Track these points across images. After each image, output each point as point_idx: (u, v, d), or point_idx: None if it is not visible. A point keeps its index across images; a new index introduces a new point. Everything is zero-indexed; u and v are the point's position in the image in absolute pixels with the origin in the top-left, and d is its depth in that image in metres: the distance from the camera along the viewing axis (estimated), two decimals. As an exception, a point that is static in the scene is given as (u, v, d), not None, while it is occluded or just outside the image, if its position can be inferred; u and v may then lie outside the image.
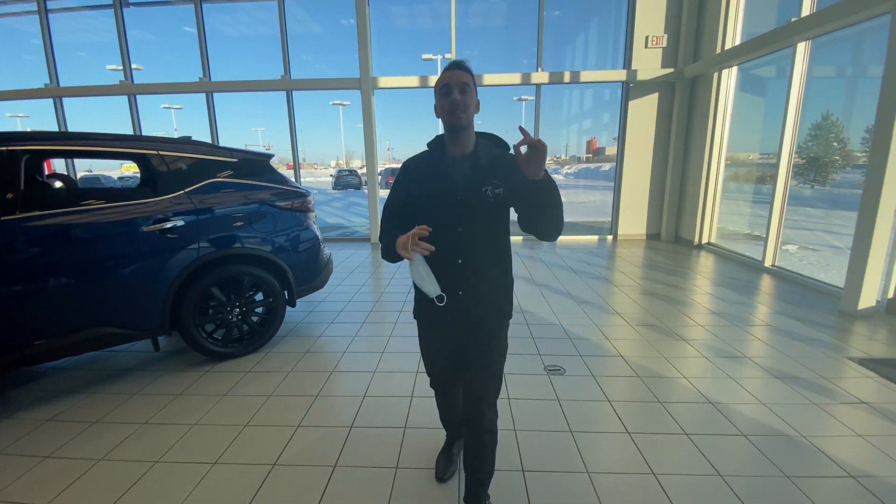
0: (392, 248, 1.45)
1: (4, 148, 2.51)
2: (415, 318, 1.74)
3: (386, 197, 1.69)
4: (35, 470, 2.07)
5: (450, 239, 1.49)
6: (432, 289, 1.46)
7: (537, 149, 1.26)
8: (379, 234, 1.62)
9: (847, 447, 2.17)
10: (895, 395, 2.66)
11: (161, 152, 2.98)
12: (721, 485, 1.92)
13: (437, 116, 1.52)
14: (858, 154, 5.49)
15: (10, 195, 2.45)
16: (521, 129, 1.25)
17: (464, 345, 1.65)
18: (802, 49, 5.20)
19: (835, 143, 5.89)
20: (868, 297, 4.04)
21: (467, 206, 1.48)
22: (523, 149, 1.27)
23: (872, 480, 1.94)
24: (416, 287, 1.61)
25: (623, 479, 1.96)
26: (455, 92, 1.43)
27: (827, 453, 2.12)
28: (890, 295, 4.08)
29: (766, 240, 5.74)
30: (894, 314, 4.05)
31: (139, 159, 2.98)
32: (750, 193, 7.14)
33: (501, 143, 1.62)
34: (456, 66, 1.46)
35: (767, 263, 5.72)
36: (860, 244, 4.07)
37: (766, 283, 5.21)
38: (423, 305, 1.68)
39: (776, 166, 5.53)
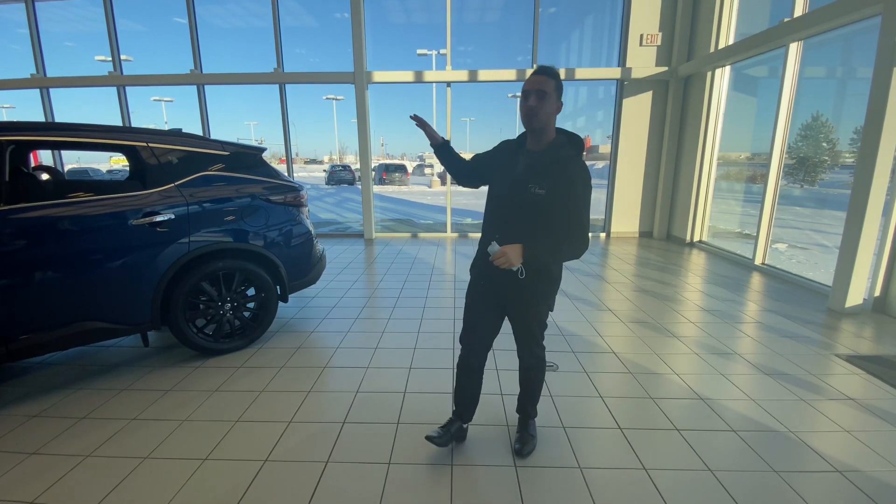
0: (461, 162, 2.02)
1: (-11, 138, 2.45)
2: (470, 273, 2.00)
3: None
4: (21, 466, 2.03)
5: (497, 220, 1.79)
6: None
7: (497, 260, 1.59)
8: (459, 168, 2.04)
9: (834, 442, 2.20)
10: (881, 391, 2.71)
11: (151, 144, 2.92)
12: (711, 479, 1.94)
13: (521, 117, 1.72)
14: (847, 155, 5.56)
15: (-6, 187, 2.40)
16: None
17: (505, 307, 1.92)
18: (794, 49, 5.25)
19: (824, 144, 5.96)
20: (855, 296, 4.10)
21: (513, 196, 1.70)
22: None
23: (858, 475, 1.97)
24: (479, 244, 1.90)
25: (614, 475, 1.98)
26: (531, 98, 1.62)
27: (814, 448, 2.15)
28: (877, 293, 4.14)
29: (756, 238, 5.80)
30: (881, 312, 4.12)
31: (128, 151, 2.93)
32: (741, 192, 7.21)
33: (576, 145, 1.73)
34: (539, 72, 1.64)
35: (758, 261, 5.78)
36: (848, 243, 4.13)
37: (756, 280, 5.27)
38: (475, 260, 1.94)
39: (767, 166, 5.59)
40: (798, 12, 5.16)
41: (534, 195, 1.63)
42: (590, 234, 1.71)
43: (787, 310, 4.19)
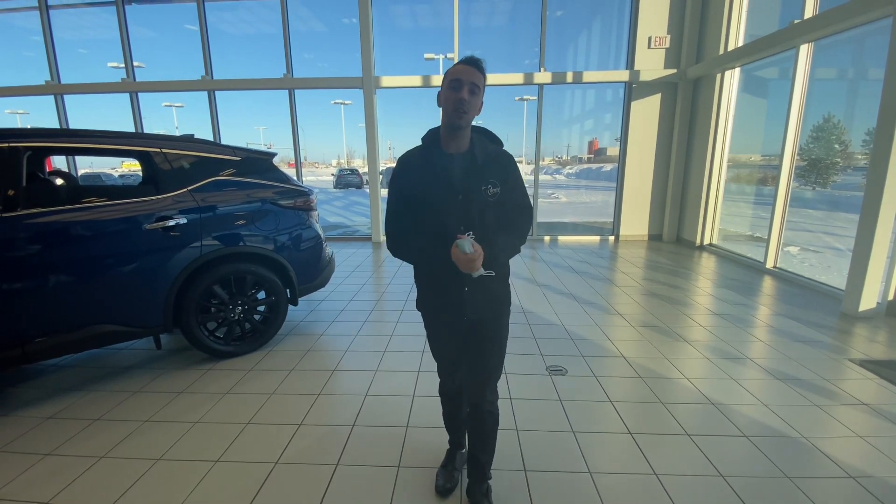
0: (434, 257, 1.51)
1: (6, 144, 2.51)
2: (418, 309, 1.75)
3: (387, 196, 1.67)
4: (36, 467, 2.06)
5: (454, 238, 1.44)
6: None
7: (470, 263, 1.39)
8: (390, 238, 1.61)
9: (847, 448, 2.17)
10: (895, 396, 2.67)
11: (164, 150, 2.97)
12: (722, 485, 1.92)
13: (439, 105, 1.50)
14: (859, 156, 5.49)
15: (11, 192, 2.45)
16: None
17: (468, 333, 1.69)
18: (805, 51, 5.20)
19: (836, 146, 5.90)
20: (869, 299, 4.04)
21: (469, 205, 1.49)
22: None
23: (872, 481, 1.94)
24: (416, 279, 1.71)
25: (625, 480, 1.96)
26: (465, 90, 1.41)
27: (827, 454, 2.12)
28: (890, 297, 4.08)
29: (767, 241, 5.74)
30: (895, 316, 4.05)
31: (142, 157, 2.97)
32: (752, 195, 7.14)
33: (495, 139, 1.62)
34: (472, 64, 1.43)
35: (769, 265, 5.72)
36: (861, 246, 4.08)
37: (767, 284, 5.21)
38: (427, 297, 1.70)
39: (778, 168, 5.53)
40: (808, 14, 5.12)
41: (490, 196, 1.50)
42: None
43: (799, 314, 4.14)
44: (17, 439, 2.29)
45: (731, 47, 6.57)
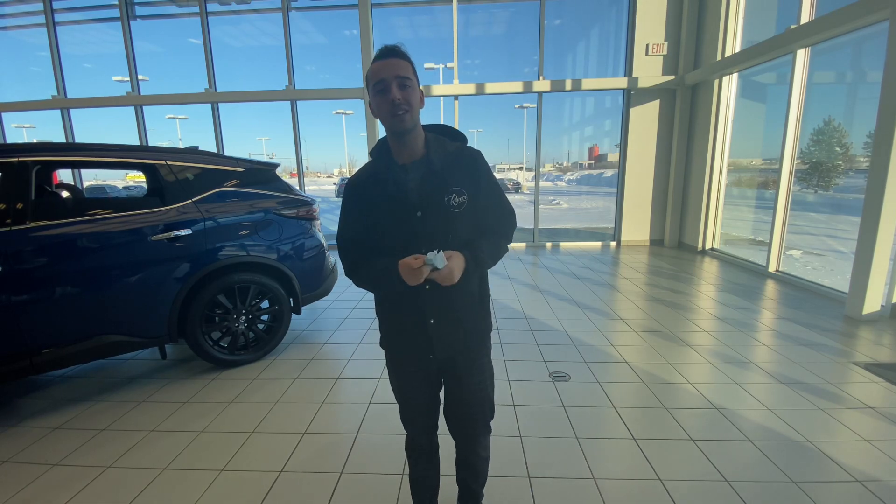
0: (385, 279, 1.25)
1: (15, 159, 2.56)
2: (382, 347, 1.48)
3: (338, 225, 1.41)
4: (43, 478, 2.08)
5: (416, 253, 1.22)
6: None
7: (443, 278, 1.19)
8: (345, 269, 1.37)
9: (853, 452, 2.16)
10: (902, 399, 2.66)
11: (169, 162, 3.02)
12: (728, 490, 1.91)
13: (375, 117, 1.25)
14: (861, 159, 5.50)
15: (20, 205, 2.49)
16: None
17: (445, 374, 1.45)
18: (802, 56, 5.24)
19: (837, 148, 5.91)
20: (873, 302, 4.03)
21: (428, 221, 1.26)
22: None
23: (879, 485, 1.93)
24: (378, 313, 1.46)
25: (629, 486, 1.96)
26: (393, 88, 1.16)
27: (833, 458, 2.12)
28: (894, 300, 4.07)
29: (769, 245, 5.74)
30: (900, 319, 4.04)
31: (148, 169, 3.02)
32: (753, 199, 7.15)
33: (456, 135, 1.37)
34: (390, 54, 1.18)
35: (771, 269, 5.71)
36: (864, 248, 4.07)
37: (770, 288, 5.20)
38: (391, 334, 1.43)
39: (779, 172, 5.55)
40: (805, 19, 5.17)
41: (455, 206, 1.27)
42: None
43: (802, 317, 4.13)
44: (25, 450, 2.30)
45: (728, 53, 6.62)
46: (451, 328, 1.35)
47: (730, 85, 6.79)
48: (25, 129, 11.33)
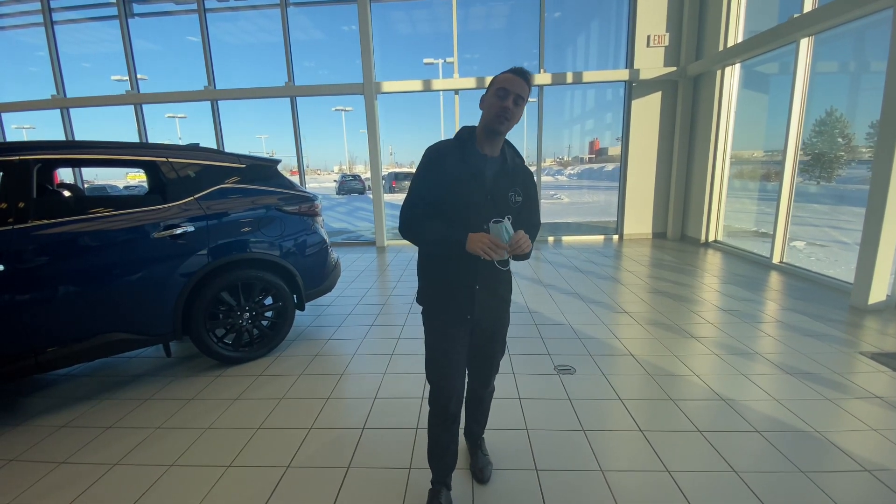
0: (447, 243, 1.47)
1: (16, 157, 2.55)
2: (419, 303, 1.72)
3: (411, 182, 1.62)
4: (51, 475, 2.08)
5: (478, 230, 1.48)
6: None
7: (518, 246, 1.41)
8: (404, 217, 1.59)
9: (861, 441, 2.16)
10: (909, 389, 2.64)
11: (171, 159, 3.01)
12: (736, 480, 1.91)
13: (481, 108, 1.54)
14: (864, 150, 5.47)
15: (22, 204, 2.49)
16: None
17: (471, 334, 1.69)
18: (805, 45, 5.19)
19: (840, 139, 5.87)
20: (878, 292, 4.01)
21: (494, 206, 1.53)
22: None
23: (888, 474, 1.92)
24: (420, 272, 1.69)
25: (637, 477, 1.96)
26: (510, 100, 1.45)
27: (841, 448, 2.11)
28: (900, 289, 4.05)
29: (773, 236, 5.71)
30: (905, 309, 4.02)
31: (149, 167, 3.01)
32: (756, 191, 7.12)
33: (520, 154, 1.69)
34: (521, 75, 1.47)
35: (776, 260, 5.69)
36: (869, 239, 4.05)
37: (774, 279, 5.18)
38: (431, 293, 1.67)
39: (782, 163, 5.52)
40: (807, 8, 5.12)
41: (514, 203, 1.56)
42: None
43: (808, 308, 4.12)
44: (32, 448, 2.30)
45: (730, 43, 6.57)
46: (491, 296, 1.63)
47: (732, 76, 6.74)
48: (25, 130, 11.31)
